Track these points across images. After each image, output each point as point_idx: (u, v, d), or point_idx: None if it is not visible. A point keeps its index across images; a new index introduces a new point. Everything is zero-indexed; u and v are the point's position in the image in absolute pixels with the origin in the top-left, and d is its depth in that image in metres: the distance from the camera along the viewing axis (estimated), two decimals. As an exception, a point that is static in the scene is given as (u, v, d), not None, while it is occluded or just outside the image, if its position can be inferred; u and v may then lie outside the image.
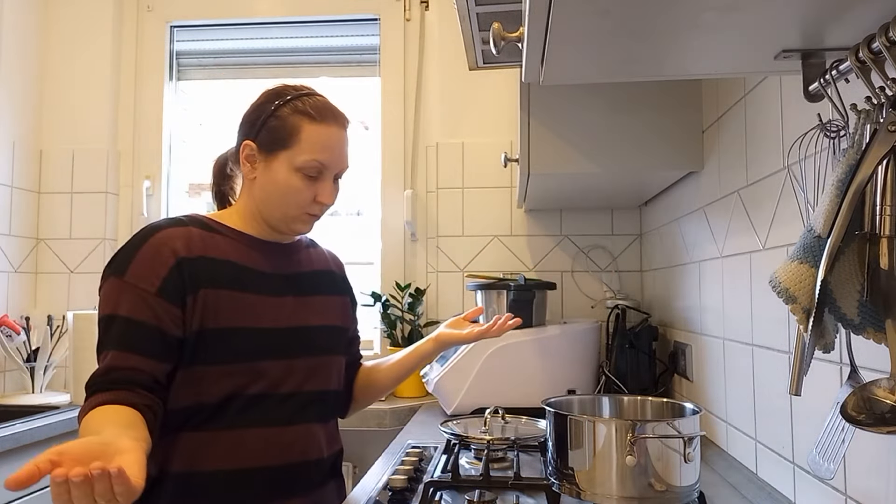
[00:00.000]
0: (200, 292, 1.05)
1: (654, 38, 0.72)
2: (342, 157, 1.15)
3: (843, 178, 0.63)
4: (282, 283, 1.16)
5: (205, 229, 1.13)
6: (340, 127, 1.15)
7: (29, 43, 2.47)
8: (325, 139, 1.12)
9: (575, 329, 1.85)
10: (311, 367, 1.16)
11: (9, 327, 2.18)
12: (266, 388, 1.09)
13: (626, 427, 0.95)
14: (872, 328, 0.63)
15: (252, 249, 1.16)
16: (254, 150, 1.13)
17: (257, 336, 1.09)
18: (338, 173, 1.16)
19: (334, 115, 1.14)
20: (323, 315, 1.21)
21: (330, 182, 1.14)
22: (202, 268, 1.07)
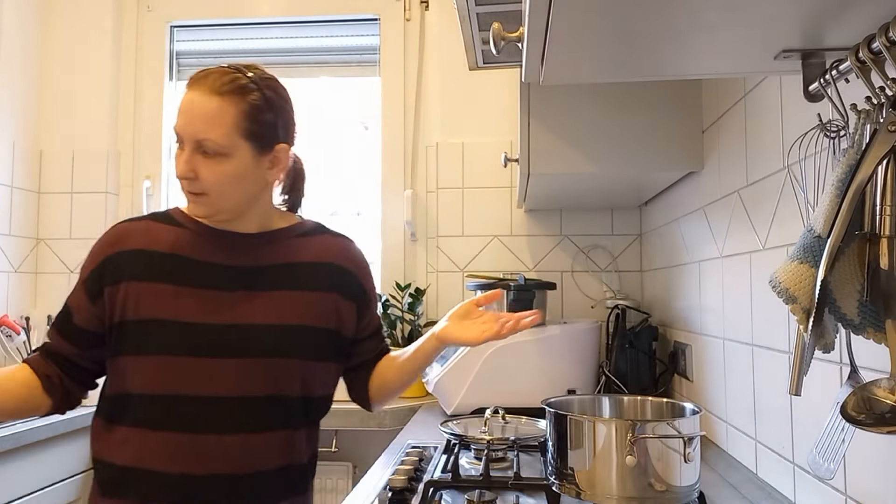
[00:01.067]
0: (122, 285, 1.05)
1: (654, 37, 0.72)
2: (193, 122, 1.02)
3: (843, 178, 0.63)
4: (233, 277, 1.08)
5: (164, 222, 1.12)
6: (203, 91, 1.02)
7: (29, 43, 2.47)
8: (182, 105, 1.04)
9: (575, 329, 1.85)
10: (250, 369, 1.05)
11: (9, 327, 2.18)
12: (178, 389, 1.02)
13: (626, 427, 0.95)
14: (872, 328, 0.63)
15: (209, 242, 1.10)
16: None
17: (178, 330, 1.03)
18: (196, 145, 1.02)
19: (201, 79, 1.04)
20: (280, 313, 1.08)
21: (186, 154, 1.03)
22: (132, 261, 1.07)
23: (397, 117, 2.46)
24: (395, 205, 2.43)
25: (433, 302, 2.35)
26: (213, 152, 1.03)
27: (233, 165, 1.04)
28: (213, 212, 1.07)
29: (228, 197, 1.06)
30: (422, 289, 2.29)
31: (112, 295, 1.05)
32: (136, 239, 1.09)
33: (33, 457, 1.73)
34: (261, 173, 1.08)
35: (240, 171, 1.05)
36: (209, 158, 1.03)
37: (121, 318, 1.05)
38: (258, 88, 1.05)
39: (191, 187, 1.05)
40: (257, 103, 1.05)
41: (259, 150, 1.06)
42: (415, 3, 2.49)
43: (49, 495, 1.77)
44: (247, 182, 1.07)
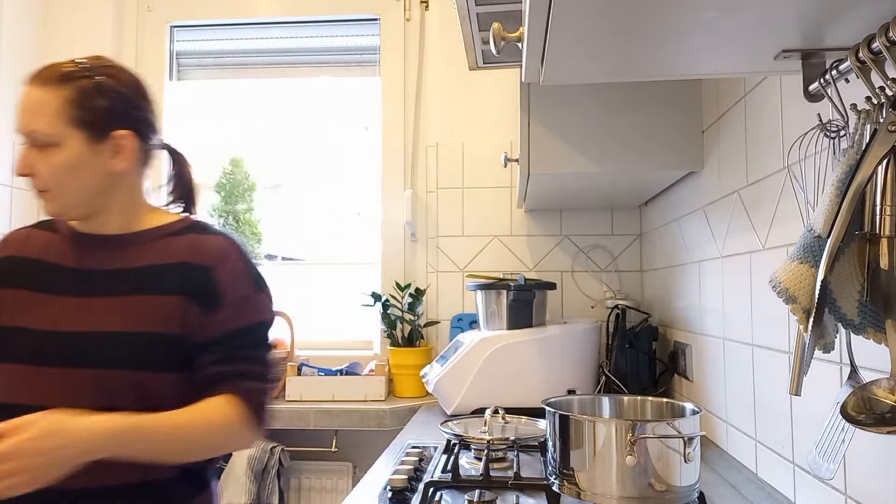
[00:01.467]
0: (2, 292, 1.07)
1: (654, 38, 0.72)
2: (23, 115, 1.02)
3: (843, 178, 0.63)
4: (84, 282, 1.06)
5: (44, 229, 1.13)
6: (31, 84, 1.03)
7: (29, 43, 2.47)
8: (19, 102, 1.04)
9: (575, 329, 1.85)
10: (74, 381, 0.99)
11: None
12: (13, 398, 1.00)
13: (626, 427, 0.95)
14: (872, 328, 0.63)
15: (75, 246, 1.10)
16: None
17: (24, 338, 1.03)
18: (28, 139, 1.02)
19: (33, 74, 1.04)
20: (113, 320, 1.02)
21: (23, 152, 1.03)
22: (8, 267, 1.08)
23: (397, 117, 2.46)
24: (395, 205, 2.43)
25: (433, 302, 2.35)
26: (44, 143, 1.01)
27: (64, 156, 1.02)
28: (59, 208, 1.05)
29: (69, 190, 1.03)
30: (422, 289, 2.29)
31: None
32: (13, 246, 1.11)
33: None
34: (101, 163, 1.04)
35: (73, 161, 1.02)
36: (42, 151, 1.02)
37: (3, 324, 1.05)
38: (89, 75, 1.04)
39: (32, 184, 1.04)
40: (85, 89, 1.03)
41: (93, 138, 1.03)
42: (415, 3, 2.49)
43: (49, 495, 1.77)
44: (85, 173, 1.04)
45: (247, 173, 2.88)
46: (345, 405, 2.06)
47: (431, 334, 2.36)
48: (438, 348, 2.31)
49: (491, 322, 1.89)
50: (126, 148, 1.06)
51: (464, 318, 2.24)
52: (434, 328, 2.34)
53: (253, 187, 2.87)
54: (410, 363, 2.20)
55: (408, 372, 2.20)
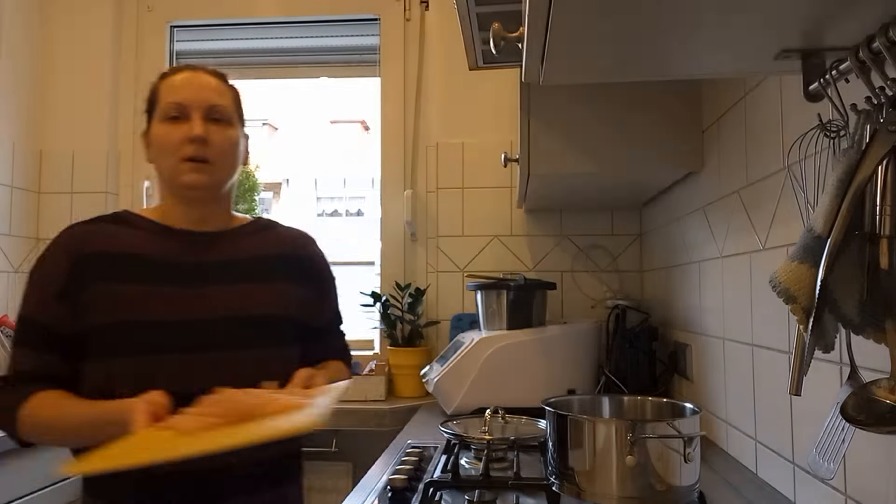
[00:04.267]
0: (90, 288, 1.05)
1: (654, 38, 0.72)
2: (201, 91, 1.12)
3: (843, 178, 0.63)
4: (191, 274, 1.10)
5: (117, 223, 1.13)
6: (195, 71, 1.16)
7: (29, 43, 2.47)
8: (178, 82, 1.13)
9: (575, 329, 1.85)
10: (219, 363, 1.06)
11: (9, 327, 2.18)
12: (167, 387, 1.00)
13: (626, 427, 0.95)
14: (872, 328, 0.63)
15: (165, 239, 1.13)
16: (143, 133, 1.17)
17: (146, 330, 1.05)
18: (206, 111, 1.11)
19: (188, 67, 1.16)
20: (258, 304, 1.12)
21: (197, 119, 1.10)
22: (97, 264, 1.06)
23: (397, 117, 2.46)
24: (395, 205, 2.43)
25: (433, 302, 2.35)
26: (223, 119, 1.13)
27: (235, 134, 1.15)
28: (211, 180, 1.12)
29: (228, 166, 1.14)
30: (422, 289, 2.29)
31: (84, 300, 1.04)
32: (94, 242, 1.09)
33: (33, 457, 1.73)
34: (241, 155, 1.19)
35: (237, 142, 1.16)
36: (218, 124, 1.12)
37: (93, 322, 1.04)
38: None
39: (199, 152, 1.09)
40: (238, 94, 1.21)
41: (244, 135, 1.20)
42: (415, 3, 2.49)
43: (49, 495, 1.77)
44: (238, 158, 1.17)
45: (248, 173, 2.88)
46: (345, 405, 2.06)
47: (431, 334, 2.35)
48: (438, 348, 2.31)
49: (491, 322, 1.89)
50: (247, 153, 1.23)
51: (464, 318, 2.24)
52: (434, 328, 2.34)
53: (255, 187, 2.88)
54: (410, 363, 2.20)
55: (408, 372, 2.20)
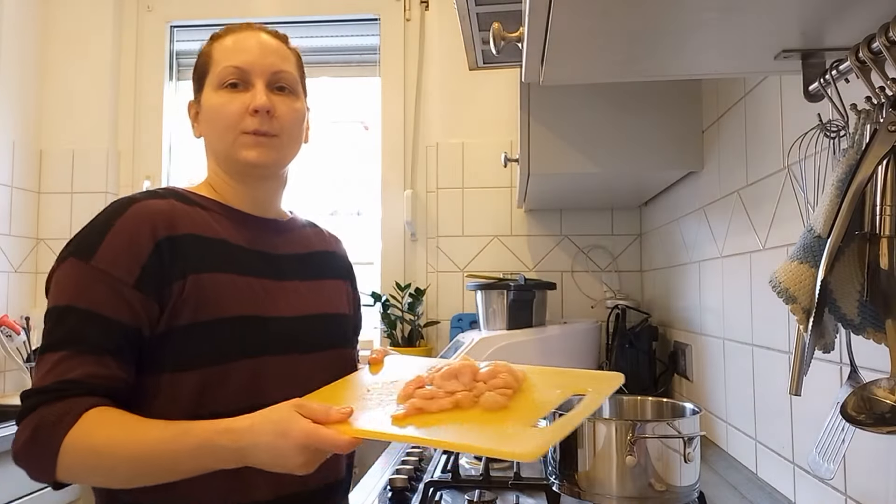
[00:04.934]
0: (189, 278, 0.85)
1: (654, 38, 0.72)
2: (266, 55, 0.95)
3: (843, 178, 0.63)
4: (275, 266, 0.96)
5: (187, 204, 0.92)
6: (256, 30, 0.99)
7: (29, 43, 2.47)
8: (236, 43, 0.96)
9: (575, 329, 1.85)
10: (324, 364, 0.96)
11: (9, 327, 2.18)
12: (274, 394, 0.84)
13: (626, 427, 0.95)
14: (872, 328, 0.63)
15: (241, 226, 0.96)
16: (191, 103, 1.01)
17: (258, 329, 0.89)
18: (270, 78, 0.95)
19: (247, 25, 1.00)
20: (331, 302, 1.02)
21: (260, 87, 0.94)
22: (191, 248, 0.87)
23: (397, 117, 2.46)
24: (395, 205, 2.43)
25: (433, 302, 2.35)
26: (289, 87, 0.97)
27: (301, 106, 0.99)
28: (276, 158, 0.96)
29: (294, 142, 0.99)
30: (422, 289, 2.29)
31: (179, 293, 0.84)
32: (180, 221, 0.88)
33: (33, 457, 1.73)
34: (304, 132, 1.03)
35: (304, 116, 1.00)
36: (283, 94, 0.96)
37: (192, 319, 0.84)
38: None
39: (263, 125, 0.93)
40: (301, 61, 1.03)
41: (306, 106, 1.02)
42: (415, 3, 2.49)
43: (48, 496, 1.77)
44: (303, 134, 1.01)
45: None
46: (345, 405, 2.06)
47: (431, 334, 2.35)
48: (438, 348, 2.31)
49: (491, 322, 1.89)
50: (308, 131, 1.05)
51: (464, 318, 2.24)
52: (434, 328, 2.34)
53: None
54: (410, 363, 2.20)
55: (408, 372, 2.20)
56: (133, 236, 0.83)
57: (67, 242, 0.85)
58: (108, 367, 0.80)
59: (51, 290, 0.83)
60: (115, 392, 0.80)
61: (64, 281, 0.82)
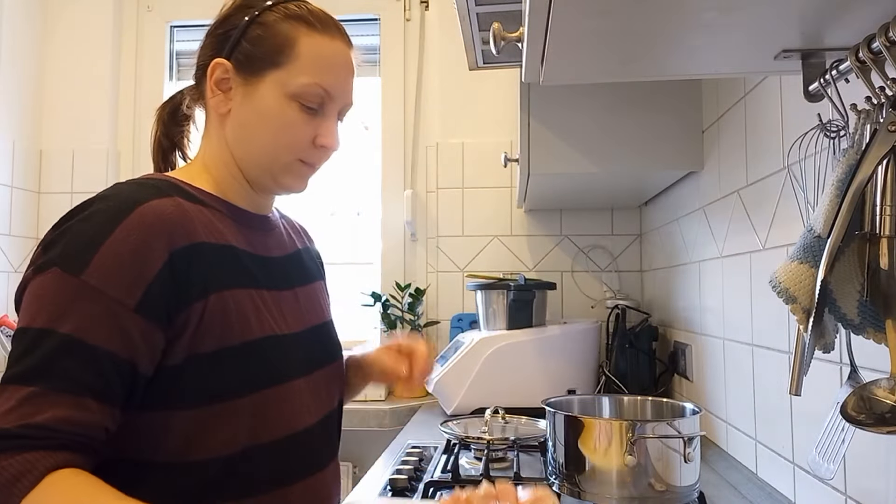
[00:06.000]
0: (212, 297, 0.73)
1: (654, 38, 0.72)
2: (349, 80, 0.85)
3: (843, 178, 0.63)
4: (278, 271, 0.86)
5: (190, 200, 0.78)
6: (348, 45, 0.86)
7: (29, 43, 2.47)
8: (331, 55, 0.82)
9: (575, 329, 1.85)
10: (332, 377, 0.90)
11: (9, 327, 2.18)
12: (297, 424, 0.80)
13: (626, 427, 0.95)
14: (872, 328, 0.63)
15: (242, 226, 0.84)
16: (228, 70, 0.81)
17: (283, 346, 0.80)
18: (342, 109, 0.86)
19: (339, 28, 0.85)
20: (324, 309, 0.94)
21: (334, 119, 0.84)
22: (210, 260, 0.75)
23: (397, 117, 2.46)
24: (395, 205, 2.43)
25: (433, 302, 2.35)
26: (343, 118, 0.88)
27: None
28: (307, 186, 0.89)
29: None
30: (422, 289, 2.29)
31: (200, 316, 0.72)
32: (191, 227, 0.75)
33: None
34: None
35: None
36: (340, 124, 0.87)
37: (218, 345, 0.73)
38: None
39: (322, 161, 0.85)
40: None
41: None
42: (415, 3, 2.49)
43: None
44: None
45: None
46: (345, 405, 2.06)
47: (431, 334, 2.35)
48: (438, 348, 2.31)
49: (491, 322, 1.89)
50: None
51: (464, 318, 2.24)
52: (434, 328, 2.34)
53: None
54: (410, 363, 2.19)
55: (408, 372, 2.19)
56: (139, 248, 0.69)
57: (45, 244, 0.70)
58: (88, 409, 0.64)
59: (23, 306, 0.68)
60: (91, 443, 0.65)
61: (43, 296, 0.67)
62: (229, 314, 0.74)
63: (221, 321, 0.73)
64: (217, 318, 0.73)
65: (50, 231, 0.72)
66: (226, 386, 0.74)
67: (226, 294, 0.75)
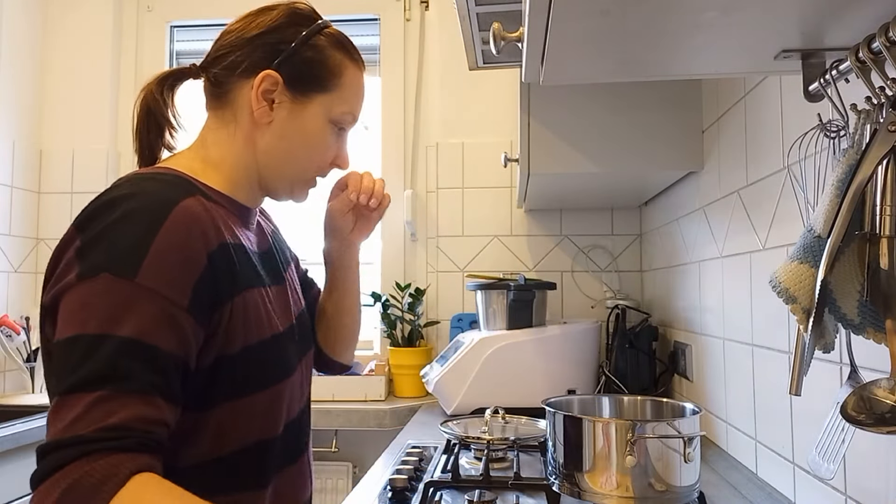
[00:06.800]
0: (237, 297, 0.76)
1: (654, 38, 0.72)
2: (361, 103, 0.94)
3: (843, 178, 0.63)
4: (273, 264, 0.90)
5: (207, 199, 0.78)
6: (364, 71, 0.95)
7: (29, 43, 2.47)
8: (362, 87, 0.91)
9: (575, 329, 1.85)
10: (308, 363, 0.96)
11: (9, 327, 2.18)
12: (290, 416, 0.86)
13: (626, 427, 0.95)
14: (872, 328, 0.63)
15: (245, 223, 0.87)
16: (277, 83, 0.83)
17: (284, 342, 0.85)
18: (352, 125, 0.95)
19: (362, 58, 0.93)
20: (301, 296, 0.99)
21: (346, 140, 0.93)
22: (234, 260, 0.77)
23: (397, 117, 2.46)
24: (395, 205, 2.42)
25: (433, 302, 2.35)
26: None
27: None
28: None
29: None
30: (422, 289, 2.29)
31: (229, 316, 0.75)
32: (218, 227, 0.77)
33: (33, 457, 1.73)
34: None
35: None
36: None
37: (243, 345, 0.76)
38: None
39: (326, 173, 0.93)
40: None
41: None
42: (415, 3, 2.49)
43: (49, 495, 1.77)
44: None
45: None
46: (345, 405, 2.06)
47: (431, 334, 2.35)
48: (438, 348, 2.31)
49: (491, 322, 1.89)
50: None
51: (464, 318, 2.24)
52: (434, 328, 2.34)
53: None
54: (410, 363, 2.20)
55: (408, 372, 2.20)
56: (185, 248, 0.70)
57: (79, 249, 0.69)
58: (158, 407, 0.65)
59: (66, 314, 0.66)
60: (162, 441, 0.65)
61: (93, 302, 0.66)
62: (248, 314, 0.77)
63: (243, 321, 0.76)
64: (240, 318, 0.76)
65: (76, 234, 0.71)
66: (246, 385, 0.77)
67: (245, 294, 0.78)
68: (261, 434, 0.79)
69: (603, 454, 0.97)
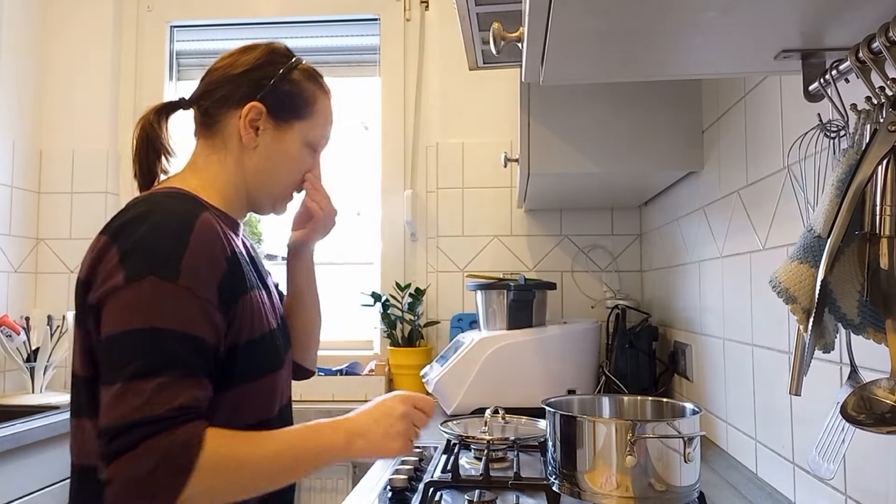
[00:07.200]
0: (244, 297, 0.89)
1: (654, 38, 0.72)
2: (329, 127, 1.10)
3: (843, 178, 0.63)
4: (258, 270, 1.03)
5: (211, 214, 0.90)
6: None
7: (29, 43, 2.47)
8: (331, 112, 1.07)
9: (575, 329, 1.85)
10: (290, 359, 1.07)
11: (9, 327, 2.18)
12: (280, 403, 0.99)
13: (626, 427, 0.95)
14: (872, 328, 0.63)
15: (237, 236, 1.00)
16: (261, 113, 0.98)
17: (275, 338, 0.97)
18: (325, 146, 1.10)
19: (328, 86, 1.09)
20: (279, 300, 1.11)
21: (319, 158, 1.08)
22: (240, 265, 0.90)
23: (397, 117, 2.46)
24: (395, 205, 2.43)
25: (433, 302, 2.35)
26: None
27: None
28: None
29: None
30: (422, 289, 2.29)
31: (236, 313, 0.88)
32: (229, 238, 0.91)
33: (33, 457, 1.73)
34: None
35: None
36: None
37: (249, 337, 0.90)
38: None
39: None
40: None
41: None
42: (415, 3, 2.49)
43: (48, 496, 1.77)
44: None
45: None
46: (345, 405, 2.06)
47: (431, 334, 2.35)
48: (438, 348, 2.31)
49: (491, 322, 1.89)
50: None
51: (464, 318, 2.24)
52: (434, 328, 2.34)
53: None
54: (410, 363, 2.20)
55: (408, 372, 2.20)
56: (211, 253, 0.84)
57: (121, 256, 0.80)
58: (206, 389, 0.81)
59: (115, 312, 0.79)
60: (206, 414, 0.81)
61: (142, 301, 0.78)
62: (251, 312, 0.90)
63: (248, 318, 0.89)
64: (247, 315, 0.89)
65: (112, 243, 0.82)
66: (252, 370, 0.91)
67: (246, 296, 0.90)
68: (262, 414, 0.93)
69: (603, 454, 0.97)
